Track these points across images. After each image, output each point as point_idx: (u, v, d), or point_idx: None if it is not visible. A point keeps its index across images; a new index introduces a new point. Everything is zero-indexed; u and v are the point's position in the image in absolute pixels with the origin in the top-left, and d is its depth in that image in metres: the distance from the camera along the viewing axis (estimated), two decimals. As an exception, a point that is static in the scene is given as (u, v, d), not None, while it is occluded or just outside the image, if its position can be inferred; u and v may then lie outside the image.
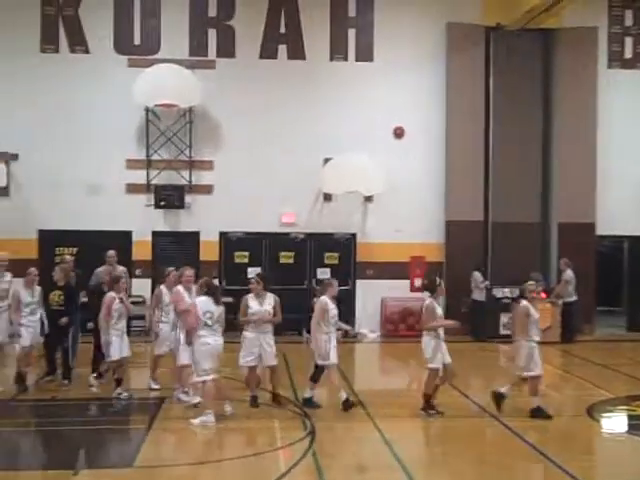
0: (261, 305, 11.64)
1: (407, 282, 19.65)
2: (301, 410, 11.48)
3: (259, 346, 11.59)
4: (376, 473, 9.17)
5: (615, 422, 11.66)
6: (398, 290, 19.37)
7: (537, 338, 11.48)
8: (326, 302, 11.77)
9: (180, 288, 12.17)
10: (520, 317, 11.50)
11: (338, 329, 12.01)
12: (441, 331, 11.49)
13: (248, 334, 11.65)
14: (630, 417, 11.79)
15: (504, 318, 18.21)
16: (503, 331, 18.18)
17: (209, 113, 19.12)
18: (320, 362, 11.66)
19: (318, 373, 11.77)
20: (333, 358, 11.61)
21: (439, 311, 11.53)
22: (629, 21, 20.82)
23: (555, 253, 19.92)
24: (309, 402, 11.75)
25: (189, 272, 12.37)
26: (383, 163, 18.70)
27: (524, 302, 11.56)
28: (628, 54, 20.84)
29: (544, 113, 20.41)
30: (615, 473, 9.45)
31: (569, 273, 18.70)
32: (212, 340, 10.80)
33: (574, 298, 18.66)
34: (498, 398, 11.51)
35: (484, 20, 19.74)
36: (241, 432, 10.68)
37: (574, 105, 20.02)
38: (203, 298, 11.03)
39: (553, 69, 20.33)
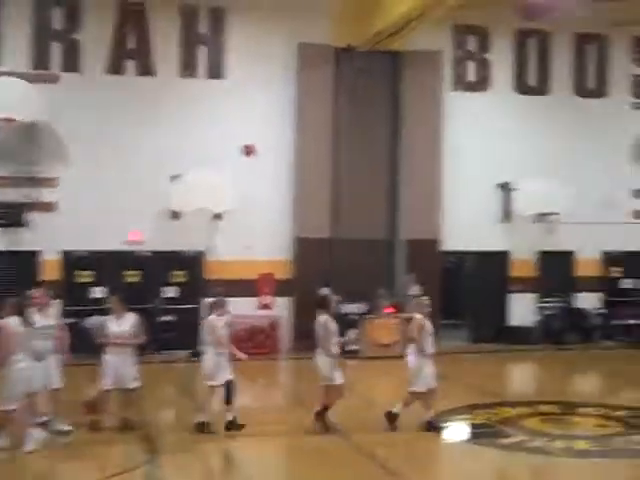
0: (120, 326, 11.30)
1: (255, 300, 19.64)
2: (147, 434, 11.18)
3: (117, 368, 11.22)
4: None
5: (457, 432, 11.94)
6: (246, 308, 19.23)
7: (432, 351, 11.62)
8: (214, 321, 11.52)
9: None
10: (415, 330, 11.57)
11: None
12: (334, 349, 11.42)
13: (107, 357, 11.27)
14: (472, 426, 12.10)
15: (351, 334, 18.42)
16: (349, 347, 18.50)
17: (53, 128, 18.44)
18: (207, 382, 11.37)
19: (226, 393, 11.36)
20: (220, 379, 11.28)
21: (333, 328, 11.48)
22: (471, 46, 21.65)
23: (402, 269, 20.39)
24: (231, 424, 11.30)
25: (37, 293, 11.80)
26: (233, 180, 18.61)
27: (419, 315, 11.67)
28: (471, 77, 21.66)
29: (392, 132, 20.86)
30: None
31: (415, 289, 19.14)
32: (25, 364, 10.26)
33: (421, 313, 19.12)
34: (391, 417, 11.53)
35: (335, 41, 20.01)
36: (83, 458, 10.29)
37: (420, 125, 20.59)
38: (14, 319, 10.37)
39: (401, 90, 20.84)
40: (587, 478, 9.54)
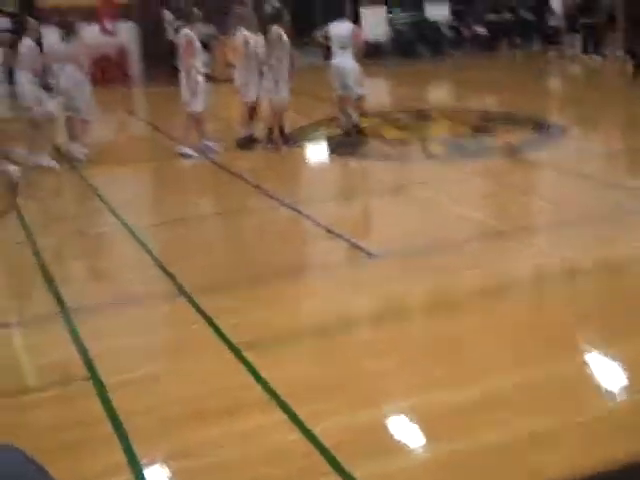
0: None
1: (96, 26, 18.19)
2: None
3: None
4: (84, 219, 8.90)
5: (317, 145, 12.02)
6: (88, 35, 17.76)
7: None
8: None
9: None
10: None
11: None
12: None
13: None
14: (331, 138, 12.11)
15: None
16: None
17: None
18: None
19: None
20: None
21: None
22: None
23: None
24: None
25: None
26: None
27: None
28: None
29: None
30: (321, 192, 9.92)
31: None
32: None
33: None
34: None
35: None
36: None
37: None
38: None
39: None
40: (445, 185, 9.83)
